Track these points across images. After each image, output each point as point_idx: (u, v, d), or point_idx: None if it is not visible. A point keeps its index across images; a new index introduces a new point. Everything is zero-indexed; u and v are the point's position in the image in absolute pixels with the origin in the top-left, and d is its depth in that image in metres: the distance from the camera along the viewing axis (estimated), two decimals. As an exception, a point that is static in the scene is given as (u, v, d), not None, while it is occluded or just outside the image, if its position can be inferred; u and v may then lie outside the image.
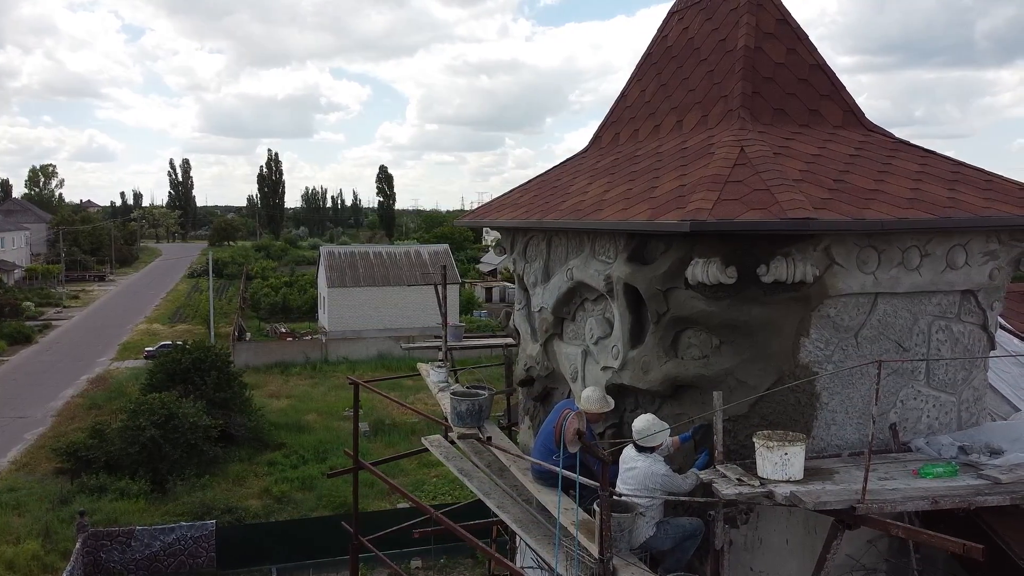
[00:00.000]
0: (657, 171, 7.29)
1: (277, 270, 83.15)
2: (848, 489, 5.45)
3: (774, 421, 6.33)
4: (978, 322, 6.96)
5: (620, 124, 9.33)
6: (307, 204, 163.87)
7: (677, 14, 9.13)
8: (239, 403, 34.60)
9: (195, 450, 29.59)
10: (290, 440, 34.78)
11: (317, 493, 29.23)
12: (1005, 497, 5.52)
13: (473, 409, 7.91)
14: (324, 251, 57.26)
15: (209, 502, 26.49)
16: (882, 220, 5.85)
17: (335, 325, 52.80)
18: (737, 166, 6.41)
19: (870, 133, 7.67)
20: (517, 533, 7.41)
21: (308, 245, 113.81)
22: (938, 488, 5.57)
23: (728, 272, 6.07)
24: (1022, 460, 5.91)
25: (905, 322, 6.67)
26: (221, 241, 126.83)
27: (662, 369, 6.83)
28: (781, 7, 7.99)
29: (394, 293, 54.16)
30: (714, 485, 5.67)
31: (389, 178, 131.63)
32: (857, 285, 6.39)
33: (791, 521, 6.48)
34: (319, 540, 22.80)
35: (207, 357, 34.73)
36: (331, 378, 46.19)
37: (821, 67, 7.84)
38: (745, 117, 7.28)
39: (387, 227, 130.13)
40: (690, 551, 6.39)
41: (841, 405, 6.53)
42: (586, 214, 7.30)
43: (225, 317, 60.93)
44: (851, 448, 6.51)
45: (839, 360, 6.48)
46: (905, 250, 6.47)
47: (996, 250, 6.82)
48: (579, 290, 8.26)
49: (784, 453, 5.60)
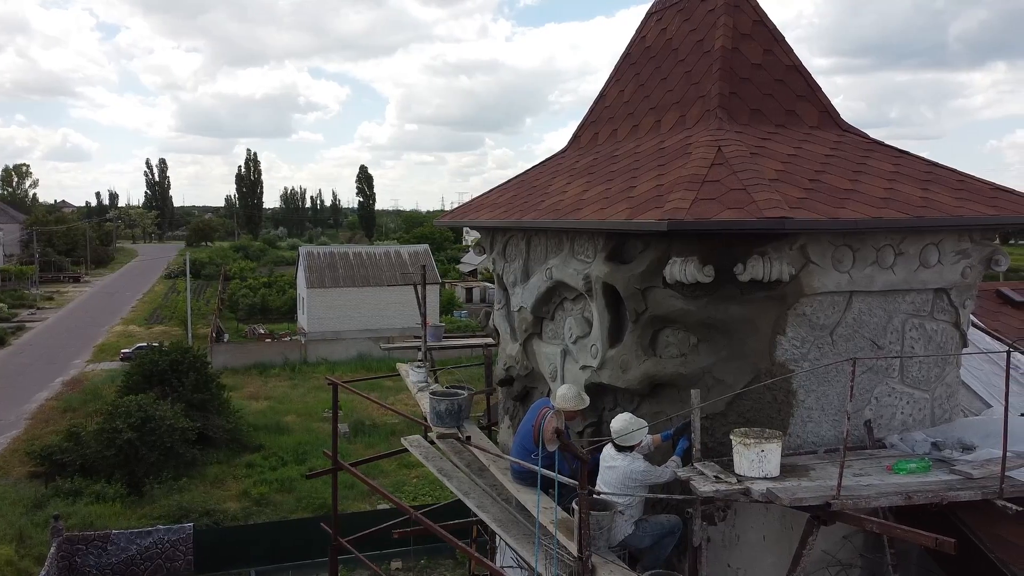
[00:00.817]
0: (635, 171, 7.33)
1: (256, 271, 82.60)
2: (823, 485, 5.51)
3: (751, 419, 6.38)
4: (951, 320, 7.05)
5: (599, 124, 9.36)
6: (286, 204, 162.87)
7: (656, 15, 9.18)
8: (217, 405, 34.31)
9: (172, 452, 29.31)
10: (269, 442, 34.55)
11: (296, 495, 29.06)
12: (976, 492, 5.61)
13: (452, 409, 7.90)
14: (303, 251, 56.93)
15: (187, 505, 26.25)
16: (856, 220, 5.92)
17: (314, 326, 52.51)
18: (714, 166, 6.45)
19: (845, 133, 7.75)
20: (497, 533, 7.41)
21: (287, 246, 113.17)
22: (911, 484, 5.65)
23: (706, 271, 6.11)
24: (994, 456, 6.00)
25: (879, 320, 6.75)
26: (199, 242, 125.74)
27: (641, 368, 6.86)
28: (758, 8, 8.06)
29: (374, 294, 53.96)
30: (692, 482, 5.71)
31: (369, 178, 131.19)
32: (832, 284, 6.46)
33: (768, 517, 6.53)
34: (298, 542, 22.65)
35: (185, 359, 34.40)
36: (310, 379, 45.95)
37: (797, 68, 7.92)
38: (722, 117, 7.34)
39: (367, 227, 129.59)
40: (668, 548, 6.42)
41: (817, 402, 6.60)
42: (565, 214, 7.32)
43: (203, 318, 60.36)
44: (827, 445, 6.58)
45: (815, 358, 6.55)
46: (879, 249, 6.55)
47: (968, 249, 6.93)
48: (558, 289, 8.28)
49: (761, 450, 5.65)
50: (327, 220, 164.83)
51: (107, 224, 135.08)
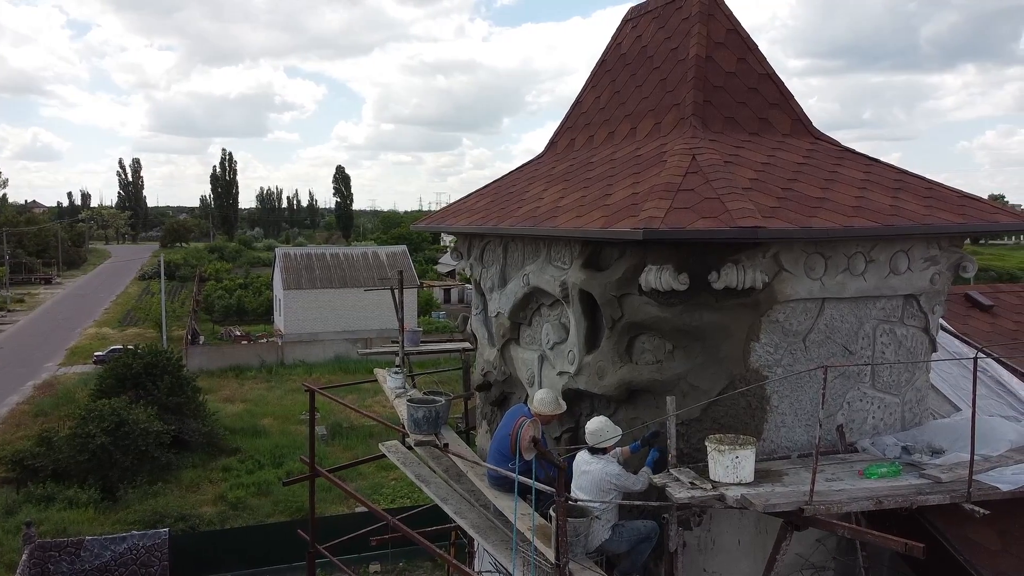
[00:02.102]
0: (611, 178, 7.38)
1: (231, 272, 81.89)
2: (796, 491, 5.59)
3: (726, 424, 6.45)
4: (920, 325, 7.18)
5: (575, 130, 9.41)
6: (262, 205, 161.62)
7: (631, 21, 9.24)
8: (193, 408, 34.03)
9: (147, 457, 29.05)
10: (245, 445, 34.33)
11: (273, 499, 28.89)
12: (945, 496, 5.71)
13: (430, 416, 7.92)
14: (280, 252, 56.60)
15: (162, 510, 26.01)
16: (827, 229, 6.01)
17: (291, 328, 52.22)
18: (688, 174, 6.52)
19: (817, 141, 7.86)
20: (475, 538, 7.44)
21: (263, 246, 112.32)
22: (881, 488, 5.74)
23: (681, 279, 6.17)
24: (962, 459, 6.11)
25: (851, 326, 6.86)
26: (173, 242, 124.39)
27: (617, 374, 6.92)
28: (732, 17, 8.14)
29: (351, 295, 53.75)
30: (667, 489, 5.77)
31: (346, 178, 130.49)
32: (805, 291, 6.55)
33: (743, 522, 6.61)
34: (276, 547, 22.51)
35: (159, 361, 34.09)
36: (287, 381, 45.67)
37: (770, 76, 8.01)
38: (697, 125, 7.41)
39: (344, 228, 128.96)
40: (645, 553, 6.48)
41: (791, 408, 6.69)
42: (541, 221, 7.35)
43: (178, 320, 59.78)
44: (800, 450, 6.67)
45: (788, 364, 6.64)
46: (851, 256, 6.65)
47: (936, 256, 7.06)
48: (535, 295, 8.31)
49: (735, 456, 5.72)
50: (304, 221, 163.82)
51: (79, 225, 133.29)
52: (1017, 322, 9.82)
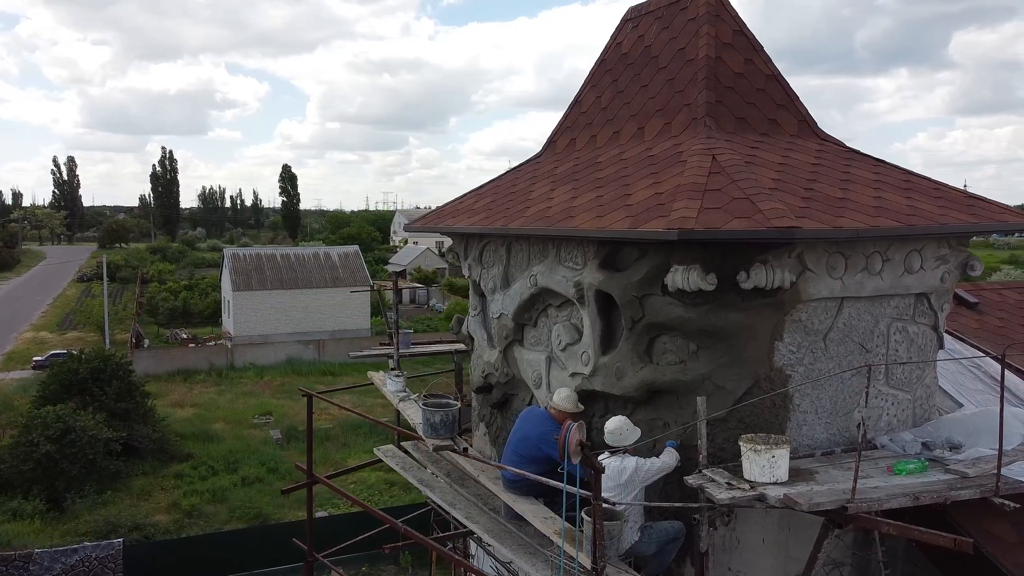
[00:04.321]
0: (626, 178, 7.34)
1: (175, 273, 79.69)
2: (835, 489, 5.63)
3: (751, 424, 6.47)
4: (930, 323, 7.33)
5: (576, 130, 9.35)
6: (204, 204, 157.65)
7: (631, 21, 9.22)
8: (142, 414, 32.98)
9: (95, 465, 28.06)
10: (198, 450, 33.43)
11: (230, 505, 28.20)
12: (975, 491, 5.82)
13: (447, 420, 7.76)
14: (228, 253, 55.25)
15: (114, 519, 25.13)
16: (858, 229, 6.06)
17: (241, 330, 51.05)
18: (712, 174, 6.51)
19: (824, 142, 7.95)
20: (491, 544, 7.31)
21: (207, 247, 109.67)
22: (915, 484, 5.82)
23: (709, 279, 6.16)
24: (982, 454, 6.25)
25: (867, 324, 6.95)
26: (112, 243, 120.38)
27: (638, 375, 6.88)
28: (738, 19, 8.19)
29: (303, 296, 52.88)
30: (706, 490, 5.74)
31: (293, 177, 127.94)
32: (826, 290, 6.61)
33: (766, 521, 6.64)
34: (234, 554, 22.02)
35: (107, 366, 32.93)
36: (238, 385, 44.67)
37: (776, 77, 8.07)
38: (711, 125, 7.42)
39: (291, 228, 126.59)
40: (672, 554, 6.46)
41: (811, 406, 6.74)
42: (557, 221, 7.27)
43: (121, 323, 57.90)
44: (821, 448, 6.73)
45: (809, 362, 6.69)
46: (869, 256, 6.74)
47: (946, 255, 7.21)
48: (543, 296, 8.22)
49: (771, 456, 5.73)
50: (248, 220, 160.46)
51: (11, 225, 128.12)
52: (1001, 319, 10.14)
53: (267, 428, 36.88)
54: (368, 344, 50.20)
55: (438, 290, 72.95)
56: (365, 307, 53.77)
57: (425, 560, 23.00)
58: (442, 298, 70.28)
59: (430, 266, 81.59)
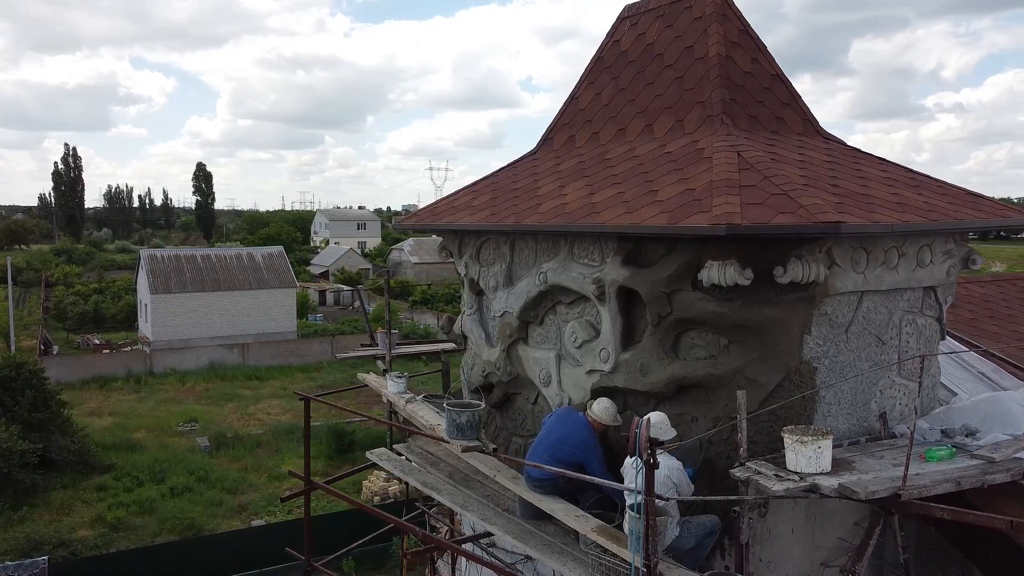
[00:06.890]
0: (646, 175, 7.34)
1: (83, 276, 75.75)
2: (883, 477, 5.77)
3: (782, 416, 6.56)
4: (935, 315, 7.61)
5: (574, 127, 9.31)
6: (110, 204, 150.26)
7: (629, 19, 9.24)
8: (59, 424, 31.22)
9: (10, 479, 26.44)
10: (120, 461, 31.85)
11: (159, 516, 26.98)
12: (1006, 475, 6.07)
13: (473, 420, 7.59)
14: (145, 255, 52.88)
15: (35, 536, 23.66)
16: (892, 224, 6.23)
17: (160, 334, 48.97)
18: (743, 171, 6.58)
19: (828, 141, 8.16)
20: (515, 544, 7.18)
21: (116, 248, 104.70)
22: (952, 471, 6.03)
23: (745, 273, 6.22)
24: (1000, 439, 6.53)
25: (883, 317, 7.16)
26: (10, 245, 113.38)
27: (667, 370, 6.89)
28: (742, 18, 8.32)
29: (225, 298, 51.10)
30: (759, 482, 5.79)
31: (208, 176, 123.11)
32: (851, 284, 6.78)
33: (795, 511, 6.75)
34: (168, 568, 21.07)
35: (19, 374, 31.02)
36: (158, 391, 42.86)
37: (780, 77, 8.24)
38: (727, 123, 7.50)
39: (206, 229, 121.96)
40: (708, 548, 6.49)
41: (835, 397, 6.89)
42: (579, 217, 7.20)
43: (25, 329, 54.62)
44: (845, 438, 6.89)
45: (833, 355, 6.84)
46: (887, 251, 6.94)
47: (952, 249, 7.50)
48: (552, 293, 8.15)
49: (818, 447, 5.82)
50: (158, 221, 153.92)
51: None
52: (972, 311, 10.67)
53: (193, 436, 35.43)
54: (294, 347, 49.02)
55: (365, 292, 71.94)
56: (291, 309, 52.41)
57: (367, 566, 22.60)
58: (368, 300, 69.32)
59: (353, 267, 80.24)
